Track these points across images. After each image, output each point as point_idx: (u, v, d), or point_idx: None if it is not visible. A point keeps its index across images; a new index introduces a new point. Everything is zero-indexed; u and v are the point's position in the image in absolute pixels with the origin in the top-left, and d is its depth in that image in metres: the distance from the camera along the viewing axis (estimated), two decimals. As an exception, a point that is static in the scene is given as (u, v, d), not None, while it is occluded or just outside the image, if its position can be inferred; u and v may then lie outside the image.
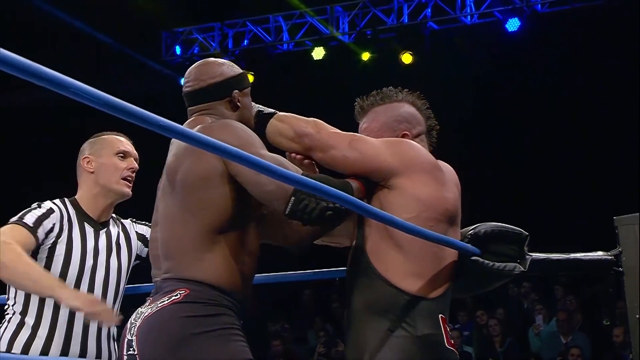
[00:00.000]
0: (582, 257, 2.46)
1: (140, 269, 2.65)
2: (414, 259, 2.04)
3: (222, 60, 2.23)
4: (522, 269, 2.20)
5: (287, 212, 1.93)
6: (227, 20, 9.43)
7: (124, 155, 2.64)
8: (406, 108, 2.26)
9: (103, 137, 2.67)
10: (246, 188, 1.97)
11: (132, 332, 1.99)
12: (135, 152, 2.69)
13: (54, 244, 2.49)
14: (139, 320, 2.00)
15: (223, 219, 1.99)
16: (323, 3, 9.13)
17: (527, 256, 2.23)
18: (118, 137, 2.69)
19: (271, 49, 9.34)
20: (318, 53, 9.05)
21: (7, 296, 2.53)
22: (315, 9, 9.17)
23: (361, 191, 2.08)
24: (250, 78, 9.75)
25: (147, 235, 2.67)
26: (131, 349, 1.96)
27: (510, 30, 8.58)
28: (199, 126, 2.04)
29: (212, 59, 2.24)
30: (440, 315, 2.05)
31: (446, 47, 8.88)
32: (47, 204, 2.54)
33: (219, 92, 2.16)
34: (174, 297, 1.97)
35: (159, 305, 1.98)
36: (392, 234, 2.04)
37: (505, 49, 8.82)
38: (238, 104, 2.17)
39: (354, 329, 2.06)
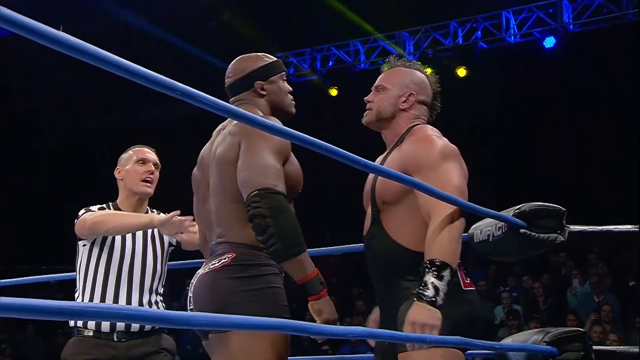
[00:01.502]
0: (613, 229, 2.42)
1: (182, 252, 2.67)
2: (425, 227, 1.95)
3: (251, 54, 2.09)
4: (562, 239, 2.18)
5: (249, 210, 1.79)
6: (315, 46, 9.46)
7: (144, 161, 2.64)
8: (422, 77, 2.18)
9: (129, 150, 2.70)
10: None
11: (190, 290, 1.92)
12: (154, 157, 2.68)
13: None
14: (196, 279, 1.92)
15: None
16: (392, 29, 9.04)
17: (566, 228, 2.20)
18: (140, 148, 2.71)
19: (351, 68, 9.29)
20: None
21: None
22: (386, 35, 9.09)
23: None
24: (334, 92, 9.93)
25: None
26: (190, 305, 1.90)
27: (547, 47, 8.43)
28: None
29: (243, 55, 2.09)
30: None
31: (494, 62, 8.80)
32: (97, 206, 2.58)
33: (243, 84, 2.03)
34: (223, 260, 1.87)
35: (211, 267, 1.89)
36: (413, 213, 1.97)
37: (542, 63, 8.67)
38: (262, 92, 2.03)
39: (386, 290, 2.00)
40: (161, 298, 2.56)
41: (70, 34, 0.98)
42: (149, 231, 2.61)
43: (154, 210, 2.70)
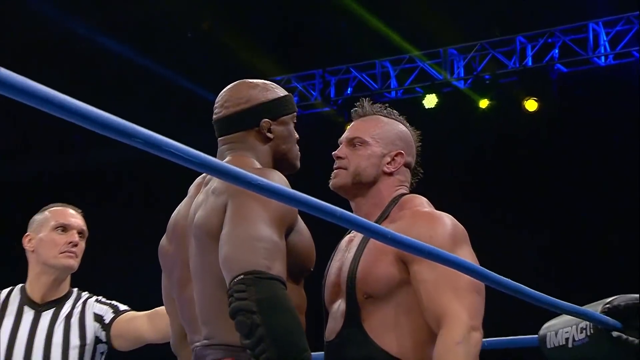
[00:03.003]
0: None
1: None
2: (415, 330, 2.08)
3: (258, 81, 2.16)
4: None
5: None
6: (329, 67, 9.34)
7: (64, 228, 2.71)
8: (407, 133, 2.34)
9: (45, 211, 2.75)
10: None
11: None
12: (79, 222, 2.75)
13: None
14: None
15: None
16: (435, 46, 8.90)
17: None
18: (61, 208, 2.76)
19: (378, 97, 8.89)
20: (430, 101, 8.77)
21: None
22: (427, 53, 8.95)
23: None
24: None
25: (105, 317, 2.77)
26: None
27: (651, 73, 8.51)
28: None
29: (247, 80, 2.16)
30: None
31: (576, 92, 8.68)
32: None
33: (244, 120, 2.10)
34: None
35: None
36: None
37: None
38: (269, 135, 2.10)
39: None
40: None
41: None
42: (62, 317, 2.65)
43: (82, 295, 2.74)
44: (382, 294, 2.09)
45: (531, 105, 8.61)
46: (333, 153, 2.31)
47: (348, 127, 2.38)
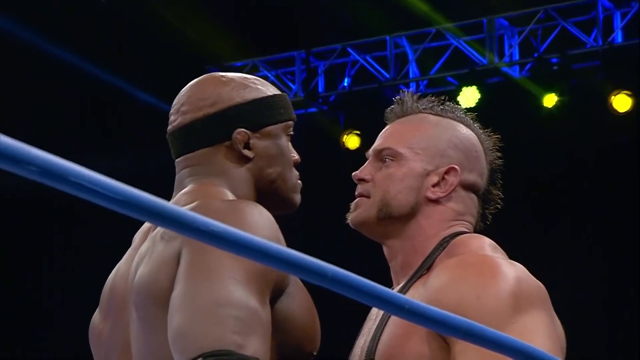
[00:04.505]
0: None
1: None
2: None
3: (234, 75, 2.15)
4: None
5: None
6: (315, 47, 8.87)
7: None
8: (470, 137, 2.30)
9: None
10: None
11: None
12: None
13: None
14: None
15: None
16: (476, 14, 8.44)
17: None
18: None
19: (389, 90, 8.55)
20: (469, 96, 8.29)
21: None
22: (463, 24, 8.44)
23: None
24: (355, 140, 10.56)
25: None
26: None
27: None
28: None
29: (216, 74, 2.18)
30: None
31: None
32: None
33: (210, 131, 2.10)
34: None
35: None
36: None
37: None
38: (246, 152, 2.07)
39: None
40: None
41: None
42: None
43: None
44: None
45: (622, 102, 8.14)
46: (353, 174, 2.32)
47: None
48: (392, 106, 2.34)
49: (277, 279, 1.93)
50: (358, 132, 8.85)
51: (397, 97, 2.35)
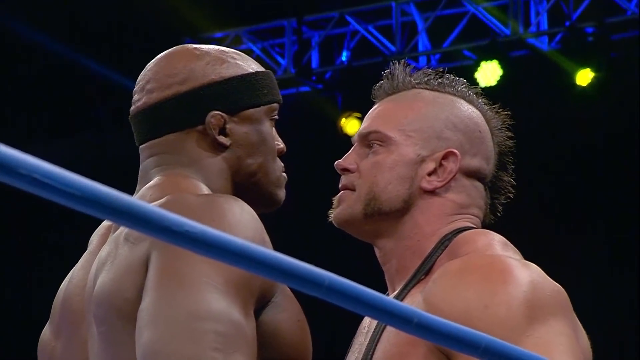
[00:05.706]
0: None
1: None
2: None
3: (209, 47, 2.16)
4: None
5: None
6: (308, 15, 8.84)
7: None
8: (472, 115, 2.28)
9: None
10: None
11: None
12: None
13: None
14: None
15: None
16: None
17: None
18: None
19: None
20: (489, 73, 8.27)
21: None
22: None
23: None
24: (355, 125, 10.77)
25: None
26: None
27: None
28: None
29: (189, 46, 2.17)
30: None
31: None
32: None
33: (179, 113, 2.10)
34: None
35: None
36: None
37: None
38: (221, 139, 2.07)
39: None
40: None
41: None
42: None
43: None
44: None
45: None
46: (336, 163, 2.29)
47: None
48: (381, 82, 2.31)
49: (262, 287, 1.94)
50: (358, 114, 8.64)
51: (387, 70, 2.32)
